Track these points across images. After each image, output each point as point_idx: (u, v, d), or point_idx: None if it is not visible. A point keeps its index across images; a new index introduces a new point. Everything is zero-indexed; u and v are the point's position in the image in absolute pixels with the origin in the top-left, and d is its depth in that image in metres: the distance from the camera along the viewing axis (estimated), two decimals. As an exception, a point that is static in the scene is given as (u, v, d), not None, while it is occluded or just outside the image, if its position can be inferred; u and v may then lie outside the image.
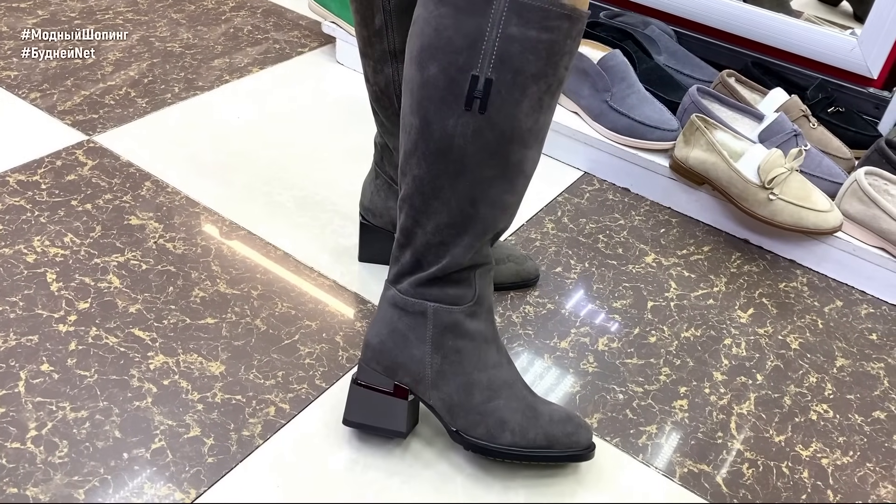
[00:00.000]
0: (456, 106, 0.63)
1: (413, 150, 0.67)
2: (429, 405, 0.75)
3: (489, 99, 0.62)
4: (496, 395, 0.74)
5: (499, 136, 0.64)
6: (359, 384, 0.76)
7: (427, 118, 0.65)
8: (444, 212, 0.68)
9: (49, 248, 0.98)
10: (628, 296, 1.03)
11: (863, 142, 1.23)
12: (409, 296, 0.73)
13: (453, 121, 0.64)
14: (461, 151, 0.65)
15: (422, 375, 0.74)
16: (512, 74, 0.62)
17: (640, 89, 1.23)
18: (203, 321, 0.91)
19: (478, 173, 0.66)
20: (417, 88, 0.64)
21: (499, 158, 0.65)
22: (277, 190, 1.14)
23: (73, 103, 1.27)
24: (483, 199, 0.67)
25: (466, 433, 0.75)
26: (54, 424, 0.77)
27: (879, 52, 1.24)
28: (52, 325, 0.88)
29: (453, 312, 0.72)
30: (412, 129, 0.66)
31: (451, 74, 0.62)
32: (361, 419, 0.77)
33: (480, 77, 0.62)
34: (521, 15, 0.60)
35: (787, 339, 1.00)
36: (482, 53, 0.61)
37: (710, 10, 1.37)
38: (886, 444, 0.87)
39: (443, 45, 0.62)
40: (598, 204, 1.20)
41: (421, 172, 0.67)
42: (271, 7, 1.69)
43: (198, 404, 0.81)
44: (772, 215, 1.08)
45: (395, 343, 0.74)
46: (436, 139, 0.65)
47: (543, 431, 0.75)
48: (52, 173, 1.11)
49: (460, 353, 0.73)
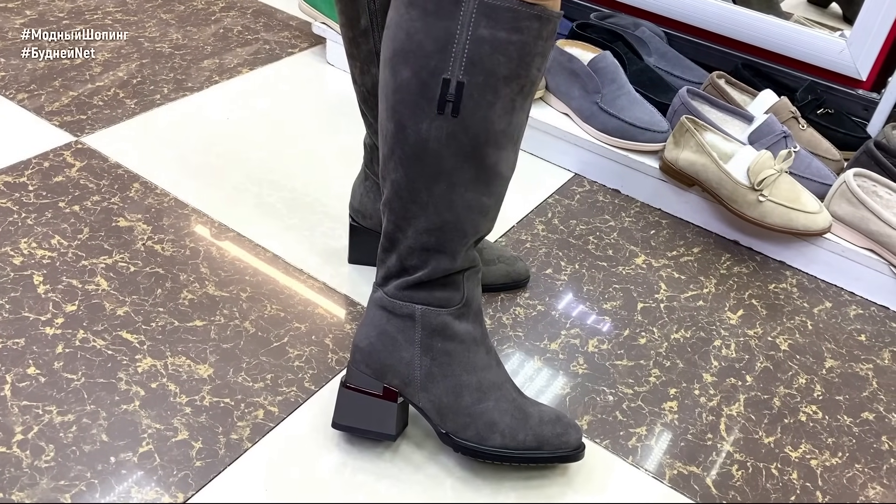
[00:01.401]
0: (429, 110, 0.63)
1: (390, 155, 0.67)
2: (418, 407, 0.75)
3: (461, 102, 0.62)
4: (485, 398, 0.74)
5: (473, 138, 0.64)
6: (348, 387, 0.76)
7: (401, 122, 0.65)
8: (422, 216, 0.68)
9: (36, 250, 0.97)
10: (618, 297, 1.03)
11: (852, 143, 1.24)
12: (396, 298, 0.73)
13: (427, 125, 0.63)
14: (436, 155, 0.65)
15: (411, 378, 0.74)
16: (483, 77, 0.61)
17: (631, 91, 1.23)
18: (191, 324, 0.90)
19: (454, 177, 0.66)
20: (391, 93, 0.64)
21: (474, 161, 0.65)
22: (267, 191, 1.13)
23: (60, 104, 1.27)
24: (461, 203, 0.67)
25: (456, 435, 0.74)
26: (41, 428, 0.77)
27: (868, 54, 1.25)
28: (39, 327, 0.87)
29: (441, 315, 0.72)
30: (388, 134, 0.66)
31: (422, 78, 0.62)
32: (351, 422, 0.77)
33: (452, 80, 0.62)
34: (491, 17, 0.60)
35: (777, 340, 1.00)
36: (453, 56, 0.61)
37: (701, 11, 1.37)
38: (875, 445, 0.87)
39: (414, 49, 0.62)
40: (588, 205, 1.20)
41: (398, 177, 0.67)
42: (261, 7, 1.68)
43: (186, 407, 0.81)
44: (761, 217, 1.08)
45: (384, 345, 0.74)
46: (411, 143, 0.65)
47: (533, 433, 0.75)
48: (39, 175, 1.10)
49: (449, 356, 0.73)
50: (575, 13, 1.49)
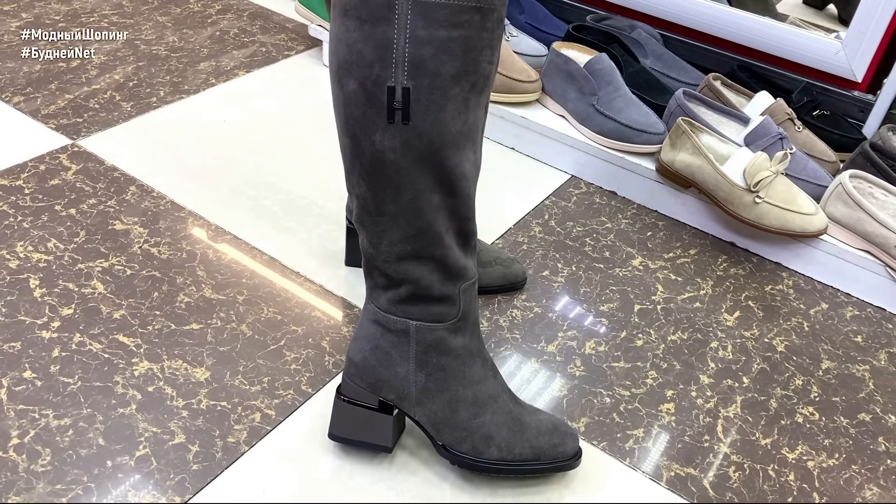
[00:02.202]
0: (379, 120, 0.61)
1: (351, 170, 0.66)
2: (414, 420, 0.75)
3: (410, 108, 0.60)
4: (482, 412, 0.73)
5: (428, 144, 0.62)
6: (343, 399, 0.76)
7: (356, 136, 0.63)
8: (393, 227, 0.66)
9: (32, 254, 0.97)
10: (615, 299, 1.03)
11: (847, 145, 1.24)
12: (390, 313, 0.71)
13: (380, 136, 0.62)
14: (394, 166, 0.63)
15: (406, 392, 0.73)
16: (429, 79, 0.59)
17: (627, 93, 1.23)
18: (188, 327, 0.90)
19: (417, 184, 0.64)
20: (342, 107, 0.63)
21: (434, 166, 0.63)
22: (264, 194, 1.13)
23: (57, 107, 1.27)
24: (429, 208, 0.65)
25: (452, 448, 0.74)
26: (37, 432, 0.76)
27: (863, 56, 1.25)
28: (35, 331, 0.87)
29: (437, 330, 0.71)
30: (346, 149, 0.65)
31: (368, 88, 0.60)
32: (347, 434, 0.77)
33: (397, 87, 0.59)
34: (427, 15, 0.57)
35: (773, 341, 1.00)
36: (394, 62, 0.59)
37: (697, 13, 1.38)
38: (871, 447, 0.87)
39: (356, 60, 0.60)
40: (584, 207, 1.21)
41: (362, 191, 0.66)
42: (258, 10, 1.68)
43: (183, 411, 0.80)
44: (758, 218, 1.08)
45: (378, 361, 0.73)
46: (368, 157, 0.63)
47: (530, 445, 0.75)
48: (35, 178, 1.10)
49: (445, 371, 0.72)
50: (571, 15, 1.49)
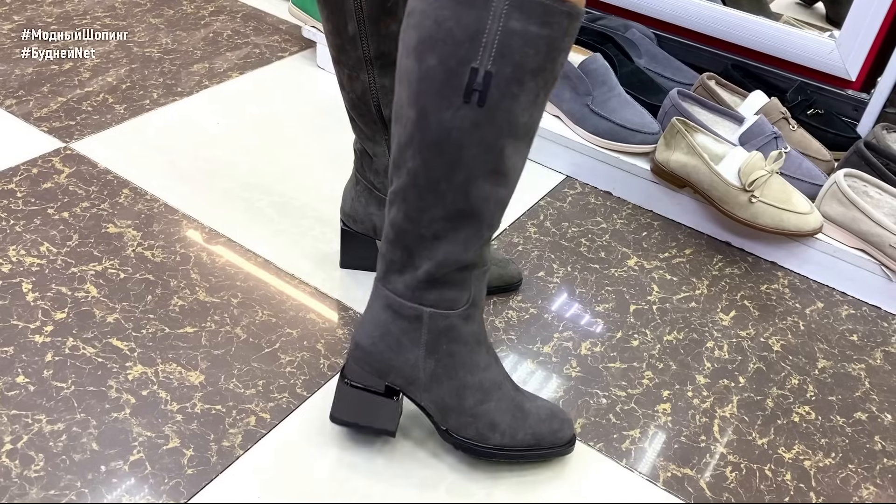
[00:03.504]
0: (454, 98, 0.62)
1: (409, 143, 0.66)
2: (419, 405, 0.75)
3: (488, 92, 0.61)
4: (487, 398, 0.75)
5: (496, 130, 0.64)
6: (347, 383, 0.75)
7: (424, 110, 0.64)
8: (438, 205, 0.67)
9: (25, 258, 0.97)
10: (611, 299, 1.03)
11: (842, 144, 1.24)
12: (404, 298, 0.72)
13: (451, 113, 0.63)
14: (458, 144, 0.64)
15: (414, 378, 0.74)
16: (512, 68, 0.61)
17: (621, 93, 1.23)
18: (182, 330, 0.90)
19: (473, 167, 0.65)
20: (415, 80, 0.63)
21: (494, 152, 0.65)
22: (257, 196, 1.13)
23: (49, 110, 1.26)
24: (477, 193, 0.66)
25: (456, 433, 0.75)
26: (30, 437, 0.76)
27: (857, 55, 1.25)
28: (28, 335, 0.86)
29: (449, 317, 0.72)
30: (408, 122, 0.65)
31: (450, 66, 0.61)
32: (349, 417, 0.76)
33: (480, 69, 0.61)
34: (523, 10, 0.60)
35: (769, 341, 1.00)
36: (483, 46, 0.60)
37: (690, 13, 1.38)
38: (868, 446, 0.87)
39: (443, 37, 0.61)
40: (580, 208, 1.20)
41: (416, 165, 0.66)
42: (251, 11, 1.68)
43: (177, 415, 0.80)
44: (753, 218, 1.08)
45: (388, 346, 0.73)
46: (433, 131, 0.64)
47: (532, 431, 0.76)
48: (27, 181, 1.10)
49: (453, 357, 0.73)
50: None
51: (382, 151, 0.89)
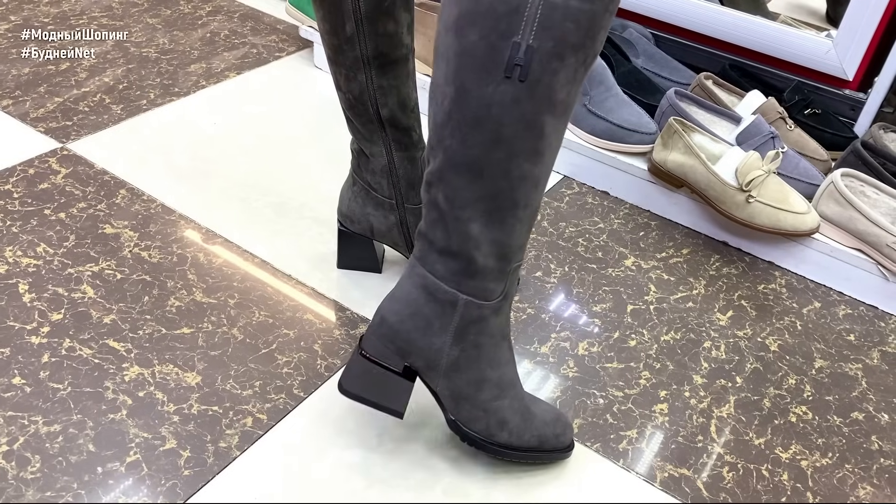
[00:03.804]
0: (496, 73, 0.61)
1: (446, 121, 0.65)
2: (433, 391, 0.74)
3: (530, 67, 0.60)
4: (503, 395, 0.74)
5: (536, 105, 0.62)
6: (365, 356, 0.74)
7: (464, 86, 0.63)
8: (477, 184, 0.66)
9: (21, 259, 0.96)
10: (608, 299, 1.03)
11: (839, 143, 1.24)
12: (443, 281, 0.70)
13: (492, 88, 0.62)
14: (498, 121, 0.63)
15: (436, 363, 0.72)
16: (553, 43, 0.60)
17: (618, 93, 1.23)
18: (179, 331, 0.90)
19: (513, 144, 0.64)
20: (454, 56, 0.62)
21: (534, 130, 0.64)
22: (255, 196, 1.13)
23: (46, 110, 1.26)
24: (516, 172, 0.65)
25: (466, 425, 0.75)
26: (26, 439, 0.76)
27: (854, 55, 1.25)
28: (25, 336, 0.86)
29: (483, 308, 0.71)
30: (445, 99, 0.64)
31: (491, 41, 0.60)
32: (361, 392, 0.74)
33: (522, 44, 0.60)
34: None
35: (766, 341, 1.00)
36: (525, 20, 0.59)
37: (688, 12, 1.37)
38: (865, 445, 0.87)
39: (483, 12, 0.60)
40: (577, 207, 1.20)
41: (454, 143, 0.65)
42: (248, 11, 1.68)
43: (174, 416, 0.80)
44: (750, 217, 1.08)
45: (416, 326, 0.72)
46: (473, 108, 0.63)
47: (537, 433, 0.77)
48: (24, 182, 1.09)
49: (479, 349, 0.72)
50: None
51: (379, 151, 0.89)
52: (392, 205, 0.92)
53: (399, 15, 0.81)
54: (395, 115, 0.86)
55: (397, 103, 0.86)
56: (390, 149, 0.89)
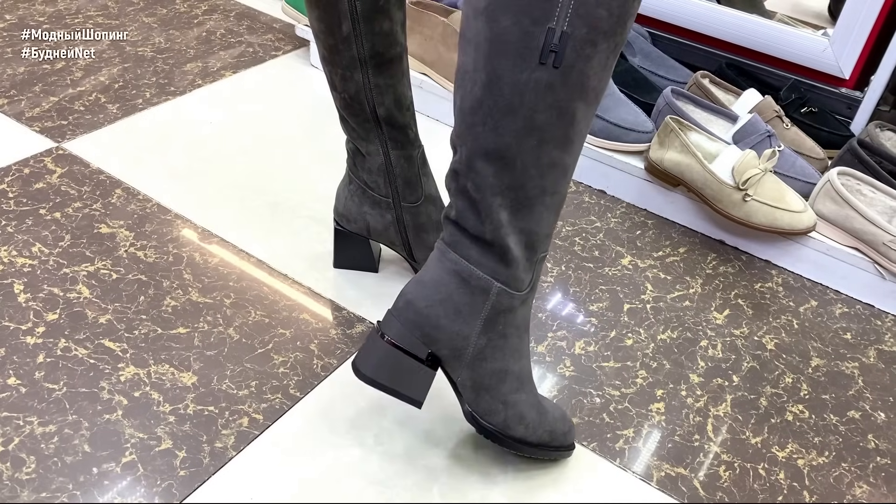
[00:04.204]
0: (530, 59, 0.60)
1: (476, 108, 0.64)
2: (453, 381, 0.73)
3: (564, 53, 0.60)
4: (522, 388, 0.74)
5: (569, 92, 0.62)
6: (386, 340, 0.71)
7: (497, 73, 0.62)
8: (507, 172, 0.65)
9: (16, 259, 0.96)
10: (605, 298, 1.03)
11: (836, 142, 1.24)
12: (479, 267, 0.69)
13: (526, 75, 0.61)
14: (532, 107, 0.62)
15: (461, 352, 0.71)
16: (587, 30, 0.59)
17: (615, 91, 1.23)
18: (175, 331, 0.89)
19: (545, 132, 0.63)
20: (485, 42, 0.61)
21: (566, 117, 0.63)
22: (251, 196, 1.12)
23: (41, 109, 1.25)
24: (546, 160, 0.65)
25: (483, 417, 0.74)
26: (21, 440, 0.76)
27: (851, 53, 1.25)
28: (20, 337, 0.86)
29: (514, 298, 0.70)
30: (476, 86, 0.63)
31: (525, 27, 0.60)
32: (381, 378, 0.71)
33: (557, 29, 0.59)
34: None
35: (763, 339, 1.00)
36: (559, 6, 0.59)
37: (684, 11, 1.37)
38: (861, 444, 0.87)
39: None
40: (574, 206, 1.20)
41: (486, 130, 0.64)
42: (244, 10, 1.67)
43: (169, 416, 0.80)
44: (746, 216, 1.08)
45: (445, 313, 0.70)
46: (506, 94, 0.62)
47: (549, 429, 0.77)
48: (19, 181, 1.09)
49: (505, 339, 0.72)
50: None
51: (376, 150, 0.89)
52: (389, 203, 0.92)
53: (394, 13, 0.81)
54: (391, 113, 0.86)
55: (394, 102, 0.86)
56: (387, 147, 0.89)
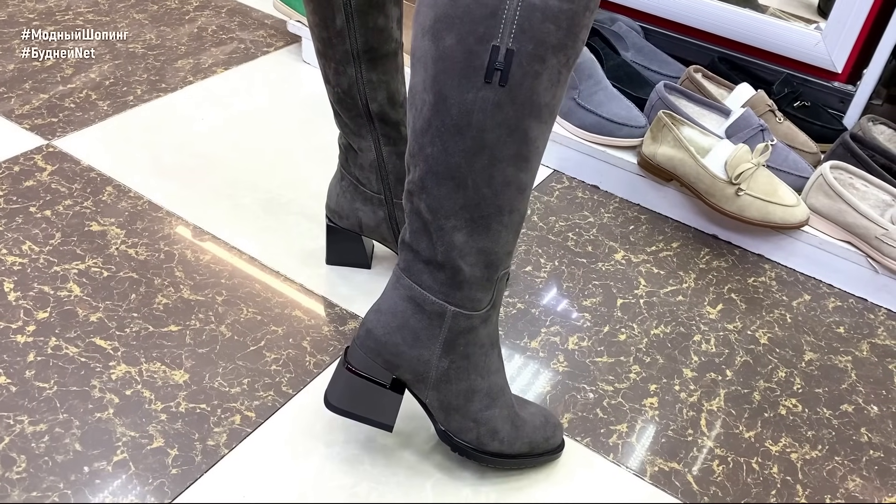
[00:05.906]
0: (475, 78, 0.59)
1: (426, 129, 0.63)
2: (422, 402, 0.73)
3: (510, 71, 0.59)
4: (493, 404, 0.73)
5: (518, 110, 0.61)
6: (351, 370, 0.72)
7: (443, 93, 0.61)
8: (460, 192, 0.64)
9: (6, 257, 0.96)
10: (598, 294, 1.03)
11: (828, 136, 1.24)
12: (430, 292, 0.68)
13: (472, 94, 0.60)
14: (480, 127, 0.61)
15: (424, 375, 0.71)
16: (533, 45, 0.58)
17: (608, 86, 1.23)
18: (166, 329, 0.89)
19: (496, 151, 0.62)
20: (432, 62, 0.61)
21: (517, 134, 0.62)
22: (242, 192, 1.12)
23: (31, 107, 1.25)
24: (500, 178, 0.64)
25: (456, 436, 0.74)
26: (11, 439, 0.75)
27: (843, 47, 1.25)
28: (10, 335, 0.86)
29: (472, 318, 0.69)
30: (424, 106, 0.62)
31: (469, 45, 0.59)
32: (348, 407, 0.73)
33: (501, 47, 0.58)
34: None
35: (756, 334, 1.00)
36: (503, 22, 0.58)
37: (677, 5, 1.37)
38: (854, 438, 0.88)
39: (460, 15, 0.58)
40: (567, 202, 1.20)
41: (435, 151, 0.63)
42: (236, 6, 1.67)
43: (161, 414, 0.79)
44: (739, 210, 1.08)
45: (403, 339, 0.70)
46: (453, 115, 0.61)
47: (528, 440, 0.76)
48: (9, 179, 1.08)
49: (468, 359, 0.71)
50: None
51: (368, 146, 0.89)
52: (381, 200, 0.92)
53: (389, 9, 0.81)
54: (384, 109, 0.86)
55: (386, 98, 0.85)
56: (379, 143, 0.88)
